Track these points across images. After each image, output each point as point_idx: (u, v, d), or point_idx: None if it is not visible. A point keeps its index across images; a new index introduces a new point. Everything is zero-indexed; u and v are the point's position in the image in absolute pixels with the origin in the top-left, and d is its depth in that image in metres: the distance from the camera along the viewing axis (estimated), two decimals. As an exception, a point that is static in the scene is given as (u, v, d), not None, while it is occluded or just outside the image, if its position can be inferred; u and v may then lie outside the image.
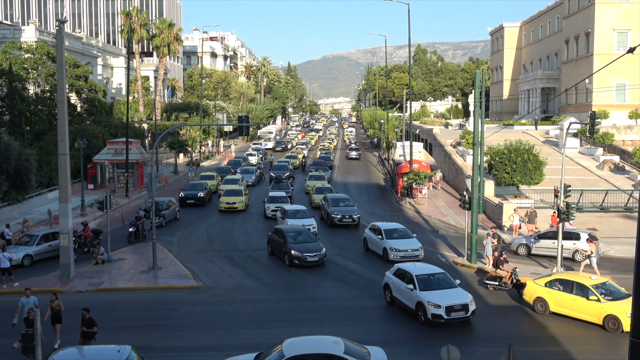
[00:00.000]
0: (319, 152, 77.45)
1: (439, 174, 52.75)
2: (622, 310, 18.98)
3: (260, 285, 25.63)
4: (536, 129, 69.70)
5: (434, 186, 51.12)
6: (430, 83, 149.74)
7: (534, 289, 21.65)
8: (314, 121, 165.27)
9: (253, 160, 69.17)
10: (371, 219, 38.39)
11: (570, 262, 28.41)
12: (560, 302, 20.83)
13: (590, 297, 20.04)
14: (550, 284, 21.31)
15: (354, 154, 75.59)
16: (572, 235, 28.89)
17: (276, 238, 29.45)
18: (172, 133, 65.43)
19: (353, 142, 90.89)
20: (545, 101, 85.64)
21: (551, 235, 29.11)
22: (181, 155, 66.12)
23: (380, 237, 29.52)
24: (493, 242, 27.63)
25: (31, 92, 55.75)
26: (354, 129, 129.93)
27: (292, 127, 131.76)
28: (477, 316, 21.01)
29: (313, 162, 65.47)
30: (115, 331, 19.60)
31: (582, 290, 20.37)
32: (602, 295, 19.93)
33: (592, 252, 25.65)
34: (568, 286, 20.82)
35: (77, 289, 24.74)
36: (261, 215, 40.98)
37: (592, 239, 27.49)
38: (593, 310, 19.91)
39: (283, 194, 41.28)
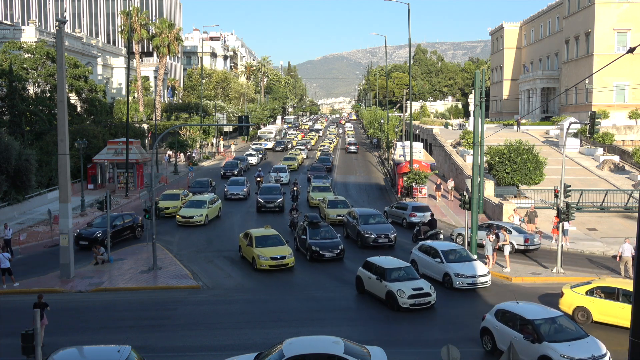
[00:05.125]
0: (318, 153, 77.28)
1: (450, 183, 47.82)
2: None
3: (260, 285, 25.62)
4: (518, 129, 68.93)
5: (444, 196, 46.63)
6: (430, 83, 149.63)
7: (573, 298, 20.79)
8: (311, 123, 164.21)
9: (253, 160, 68.93)
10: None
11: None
12: (606, 311, 20.02)
13: None
14: (591, 292, 20.48)
15: (352, 147, 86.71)
16: (403, 205, 37.72)
17: None
18: (172, 133, 65.42)
19: (352, 141, 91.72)
20: (545, 101, 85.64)
21: (398, 206, 38.74)
22: (168, 156, 66.04)
23: (438, 259, 25.22)
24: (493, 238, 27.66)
25: (31, 92, 55.73)
26: (352, 125, 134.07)
27: (286, 128, 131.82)
28: (478, 316, 21.00)
29: (311, 166, 63.09)
30: (115, 331, 19.62)
31: (628, 298, 19.24)
32: None
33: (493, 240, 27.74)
34: (613, 294, 20.01)
35: (77, 289, 24.73)
36: (259, 215, 40.88)
37: (421, 210, 35.58)
38: None
39: (400, 263, 23.96)
